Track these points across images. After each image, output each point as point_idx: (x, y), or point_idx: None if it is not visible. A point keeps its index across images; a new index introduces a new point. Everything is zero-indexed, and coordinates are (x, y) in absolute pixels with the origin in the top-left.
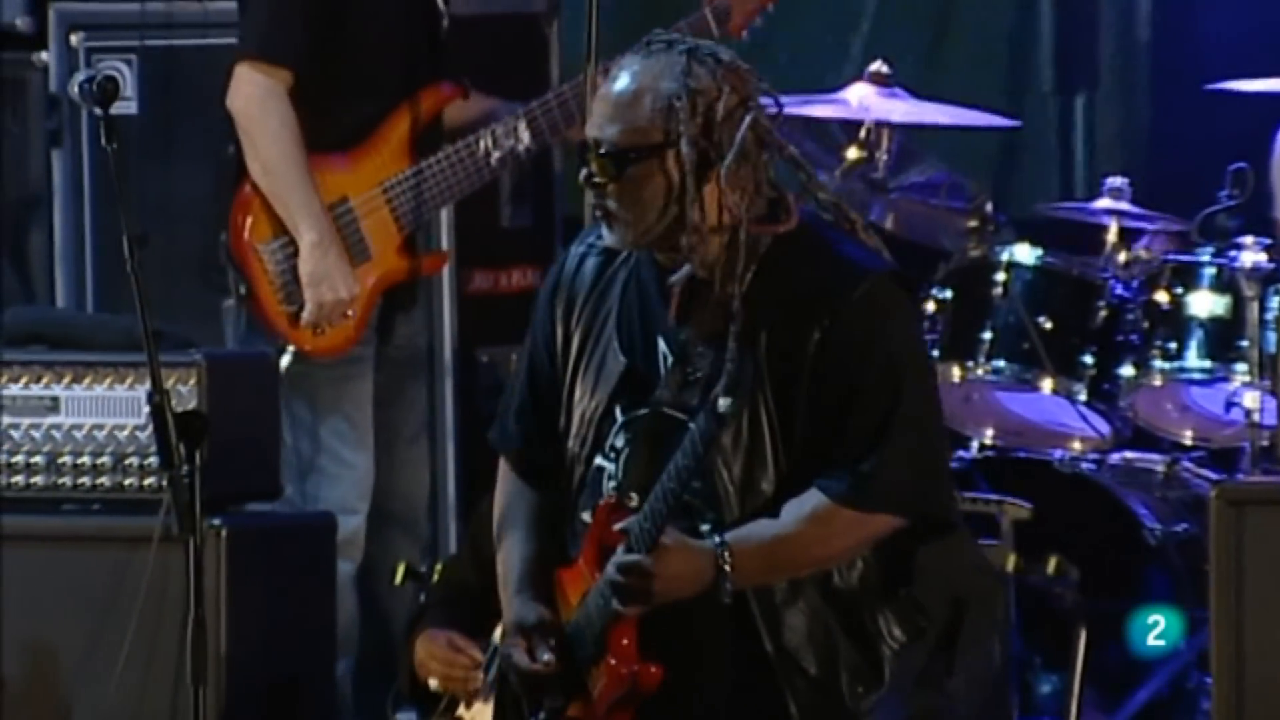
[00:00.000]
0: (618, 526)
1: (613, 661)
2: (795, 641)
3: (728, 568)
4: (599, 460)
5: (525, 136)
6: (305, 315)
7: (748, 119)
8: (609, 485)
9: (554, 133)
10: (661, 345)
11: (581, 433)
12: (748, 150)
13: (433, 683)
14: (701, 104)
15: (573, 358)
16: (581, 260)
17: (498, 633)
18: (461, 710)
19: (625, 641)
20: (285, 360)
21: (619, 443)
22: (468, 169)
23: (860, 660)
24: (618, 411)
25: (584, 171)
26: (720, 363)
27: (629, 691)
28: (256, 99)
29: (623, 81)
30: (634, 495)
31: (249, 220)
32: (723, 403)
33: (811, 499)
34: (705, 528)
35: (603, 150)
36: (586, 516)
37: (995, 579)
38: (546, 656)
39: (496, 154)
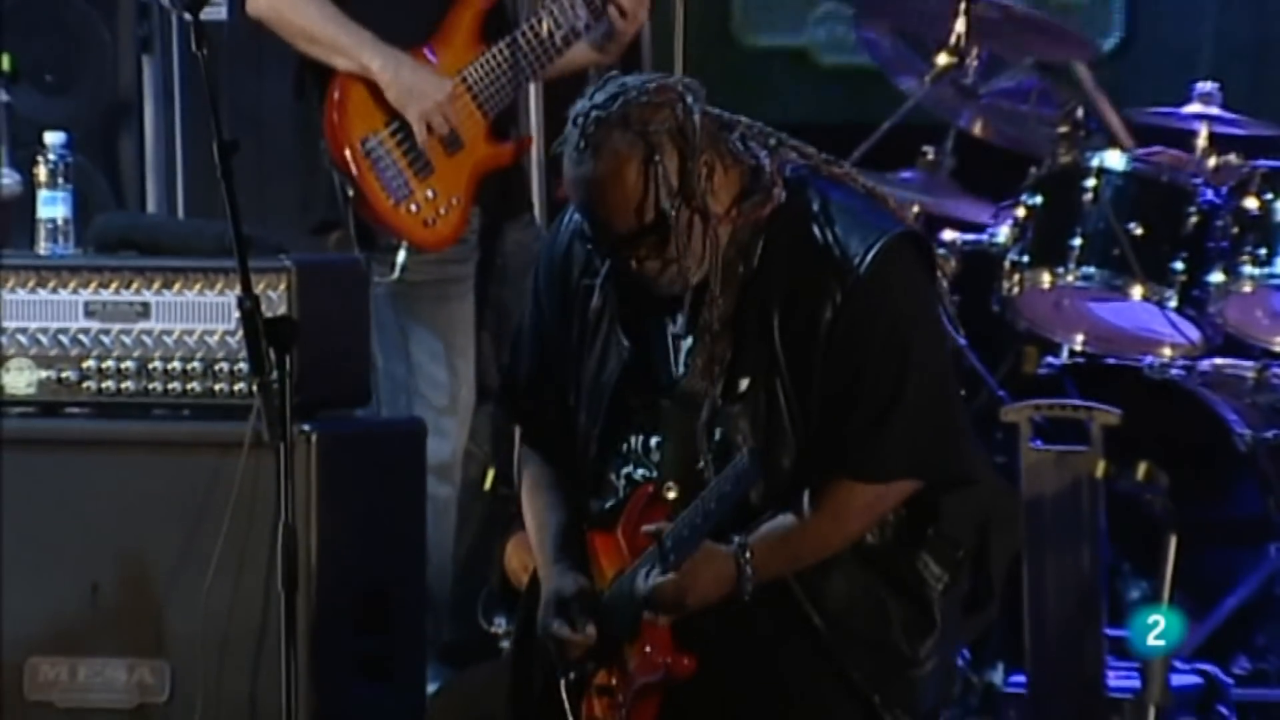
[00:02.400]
0: (647, 530)
1: (647, 649)
2: (840, 607)
3: (749, 568)
4: (628, 440)
5: (583, 13)
6: (418, 136)
7: (698, 130)
8: (639, 473)
9: (607, 4)
10: (670, 327)
11: (591, 412)
12: (717, 149)
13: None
14: (667, 157)
15: (575, 335)
16: (572, 238)
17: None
18: None
19: (656, 628)
20: (400, 257)
21: (642, 426)
22: (534, 51)
23: (909, 610)
24: (630, 394)
25: (634, 265)
26: (739, 346)
27: (661, 678)
28: None
29: (597, 185)
30: (672, 485)
31: (343, 121)
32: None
33: (827, 482)
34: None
35: (629, 242)
36: (613, 479)
37: (1014, 500)
38: (590, 629)
39: (559, 33)
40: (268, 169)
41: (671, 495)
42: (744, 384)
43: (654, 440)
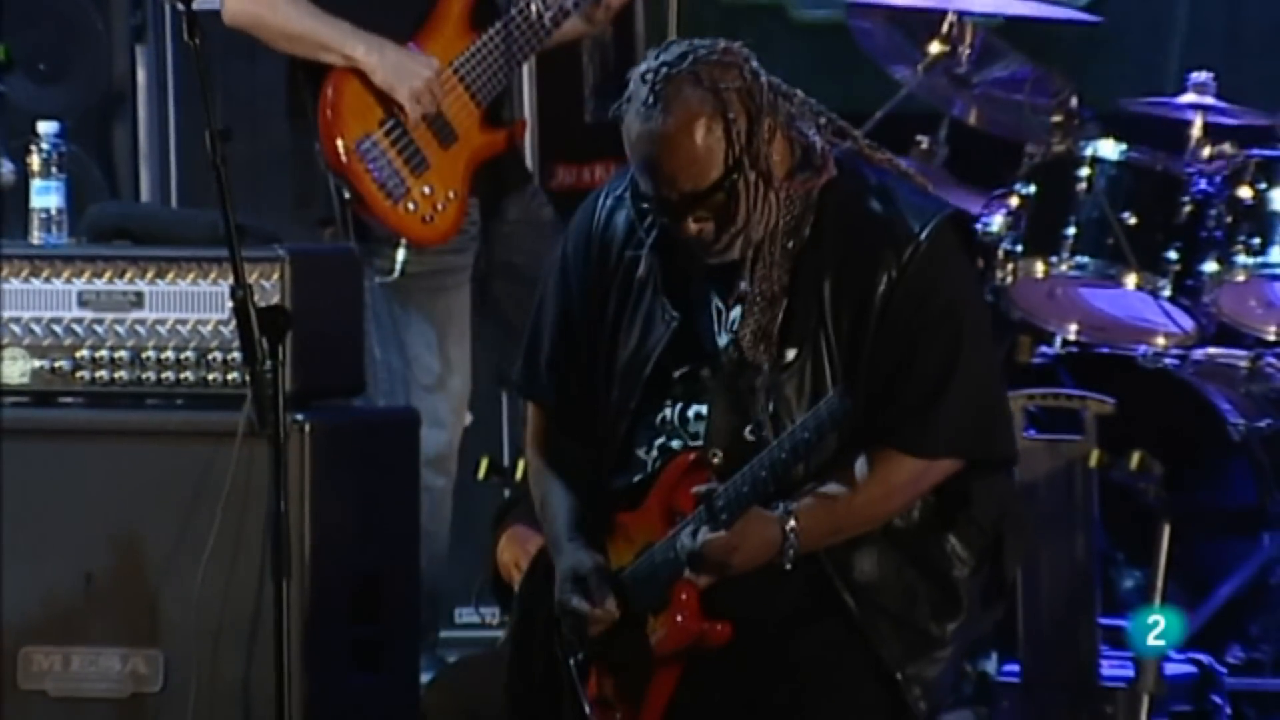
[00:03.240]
0: (697, 490)
1: (679, 618)
2: (870, 584)
3: (793, 535)
4: (663, 412)
5: None
6: (411, 116)
7: (765, 93)
8: (674, 444)
9: None
10: (715, 300)
11: (627, 385)
12: (776, 116)
13: (518, 587)
14: (736, 116)
15: (611, 310)
16: (611, 213)
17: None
18: None
19: (685, 596)
20: (400, 255)
21: (680, 396)
22: (525, 34)
23: (937, 592)
24: (670, 364)
25: (693, 227)
26: (788, 315)
27: (691, 646)
28: None
29: (667, 139)
30: (718, 452)
31: (337, 121)
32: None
33: (873, 454)
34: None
35: (692, 201)
36: (642, 454)
37: (1024, 511)
38: (610, 603)
39: (549, 14)
40: (261, 158)
41: (716, 461)
42: (791, 354)
43: (693, 410)
